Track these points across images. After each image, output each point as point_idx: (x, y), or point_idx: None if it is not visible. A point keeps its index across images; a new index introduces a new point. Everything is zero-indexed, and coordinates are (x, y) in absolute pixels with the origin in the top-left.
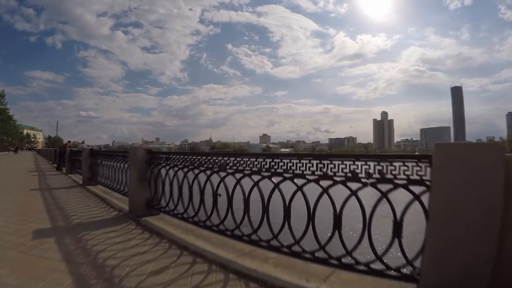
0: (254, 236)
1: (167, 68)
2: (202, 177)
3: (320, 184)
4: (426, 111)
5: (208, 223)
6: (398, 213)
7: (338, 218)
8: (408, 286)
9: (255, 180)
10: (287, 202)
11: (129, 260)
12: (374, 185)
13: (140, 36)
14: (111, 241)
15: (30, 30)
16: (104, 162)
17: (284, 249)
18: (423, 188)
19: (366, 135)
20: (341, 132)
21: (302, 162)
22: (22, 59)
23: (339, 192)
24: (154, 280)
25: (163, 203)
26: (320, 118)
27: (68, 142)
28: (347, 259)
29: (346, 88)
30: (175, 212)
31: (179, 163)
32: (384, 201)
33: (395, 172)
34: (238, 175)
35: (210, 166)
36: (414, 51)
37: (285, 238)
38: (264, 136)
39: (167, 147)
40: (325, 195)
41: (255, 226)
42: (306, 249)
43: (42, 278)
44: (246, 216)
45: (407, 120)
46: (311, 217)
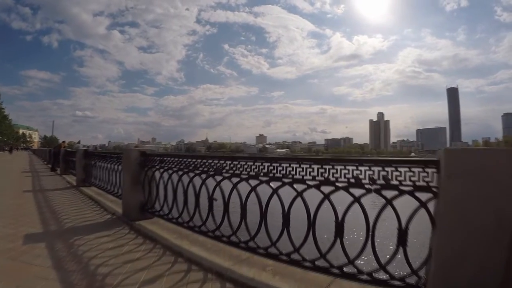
0: (251, 243)
1: (164, 68)
2: (198, 180)
3: (321, 190)
4: (422, 112)
5: (203, 228)
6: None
7: (340, 226)
8: None
9: (252, 185)
10: (286, 208)
11: (121, 268)
12: (378, 191)
13: (136, 35)
14: (103, 246)
15: (26, 29)
16: (98, 163)
17: (283, 257)
18: (429, 195)
19: (362, 135)
20: (337, 132)
21: (302, 166)
22: (18, 58)
23: (341, 199)
24: None
25: (157, 207)
26: (317, 119)
27: (63, 142)
28: (349, 268)
29: (343, 89)
30: (170, 216)
31: (173, 166)
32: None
33: (401, 178)
34: (235, 180)
35: (206, 169)
36: (411, 52)
37: (283, 245)
38: (261, 137)
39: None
40: (326, 202)
41: (253, 233)
42: (306, 257)
43: (31, 287)
44: (243, 222)
45: (403, 120)
46: (311, 224)
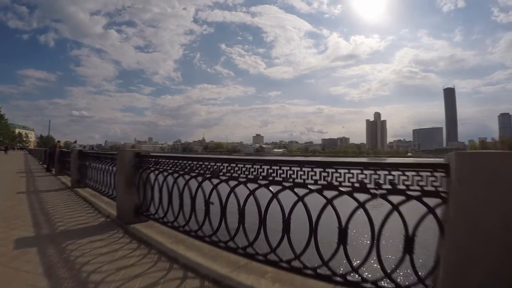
0: (250, 249)
1: (161, 67)
2: (194, 183)
3: (324, 194)
4: (418, 112)
5: (200, 233)
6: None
7: (343, 232)
8: None
9: (251, 188)
10: (286, 213)
11: (114, 275)
12: (384, 196)
13: (133, 35)
14: (97, 251)
15: (23, 28)
16: (92, 164)
17: (283, 264)
18: (437, 200)
19: (359, 135)
20: (334, 132)
21: (304, 170)
22: (14, 57)
23: (344, 204)
24: None
25: (152, 210)
26: (313, 119)
27: (58, 142)
28: (353, 277)
29: (339, 89)
30: (165, 220)
31: (168, 168)
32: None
33: (408, 182)
34: (233, 183)
35: (202, 172)
36: (407, 53)
37: (284, 252)
38: (257, 136)
39: (160, 147)
40: (329, 207)
41: (251, 239)
42: (308, 264)
43: None
44: (241, 227)
45: (400, 120)
46: (313, 230)
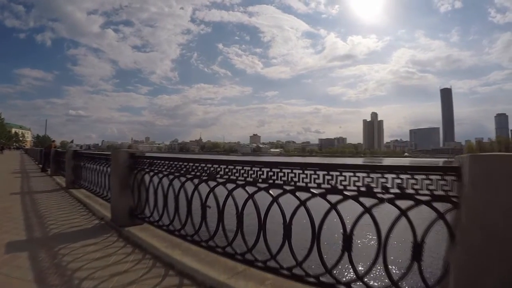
0: (248, 255)
1: (158, 67)
2: (190, 185)
3: (327, 199)
4: (415, 112)
5: (196, 237)
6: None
7: (348, 239)
8: None
9: (250, 192)
10: (287, 218)
11: (107, 282)
12: (392, 201)
13: (131, 34)
14: (90, 256)
15: (20, 27)
16: (87, 165)
17: (284, 271)
18: (447, 205)
19: (356, 135)
20: (331, 132)
21: (306, 173)
22: (11, 56)
23: (349, 209)
24: None
25: (147, 213)
26: (310, 119)
27: (53, 142)
28: (358, 285)
29: (337, 89)
30: (160, 223)
31: (163, 169)
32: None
33: (417, 186)
34: (230, 186)
35: (198, 174)
36: (404, 53)
37: (284, 258)
38: (254, 136)
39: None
40: (332, 212)
41: (250, 245)
42: (310, 272)
43: None
44: (239, 232)
45: (396, 121)
46: (316, 236)
